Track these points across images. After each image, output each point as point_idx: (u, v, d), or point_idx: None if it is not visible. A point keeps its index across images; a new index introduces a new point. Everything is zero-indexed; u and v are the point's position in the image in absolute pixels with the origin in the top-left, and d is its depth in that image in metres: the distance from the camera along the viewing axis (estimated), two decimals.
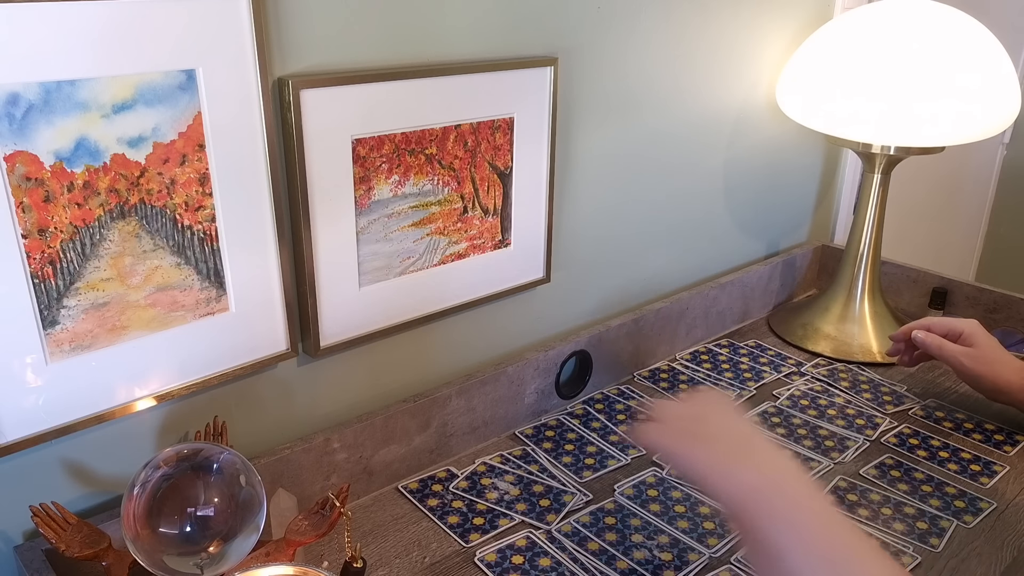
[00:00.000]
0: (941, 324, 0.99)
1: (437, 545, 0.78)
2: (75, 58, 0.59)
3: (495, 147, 0.87)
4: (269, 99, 0.69)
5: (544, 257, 0.97)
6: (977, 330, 0.96)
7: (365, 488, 0.85)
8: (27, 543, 0.67)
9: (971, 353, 0.95)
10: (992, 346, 0.95)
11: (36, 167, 0.59)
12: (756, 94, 1.18)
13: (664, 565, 0.76)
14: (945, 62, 0.99)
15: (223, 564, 0.60)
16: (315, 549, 0.76)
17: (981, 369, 0.94)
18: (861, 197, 1.17)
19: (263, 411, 0.80)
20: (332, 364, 0.83)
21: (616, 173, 1.03)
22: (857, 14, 1.08)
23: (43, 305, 0.62)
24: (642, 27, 0.98)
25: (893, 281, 1.30)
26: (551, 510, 0.83)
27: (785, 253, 1.33)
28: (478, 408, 0.92)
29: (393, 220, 0.81)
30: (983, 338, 0.95)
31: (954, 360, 0.96)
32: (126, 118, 0.62)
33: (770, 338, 1.21)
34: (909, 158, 1.12)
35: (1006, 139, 2.02)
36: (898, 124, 1.00)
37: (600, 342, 1.04)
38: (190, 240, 0.69)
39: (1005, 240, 2.13)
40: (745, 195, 1.24)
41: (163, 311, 0.69)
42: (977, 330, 0.96)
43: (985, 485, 0.88)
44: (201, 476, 0.61)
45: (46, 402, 0.65)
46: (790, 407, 1.02)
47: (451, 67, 0.81)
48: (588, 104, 0.96)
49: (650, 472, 0.89)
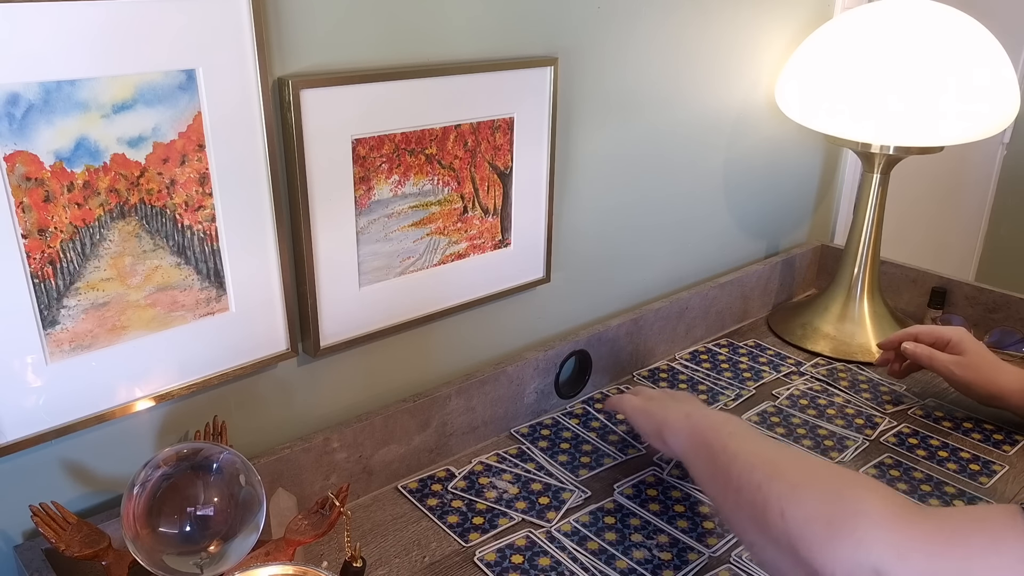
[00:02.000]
0: (929, 333, 0.99)
1: (437, 545, 0.78)
2: (75, 58, 0.59)
3: (495, 147, 0.87)
4: (269, 99, 0.69)
5: (544, 257, 0.97)
6: (965, 337, 0.96)
7: (365, 488, 0.85)
8: (27, 543, 0.67)
9: (961, 361, 0.95)
10: (981, 352, 0.95)
11: (36, 167, 0.59)
12: (756, 94, 1.18)
13: (664, 564, 0.76)
14: (945, 62, 0.99)
15: (223, 564, 0.61)
16: (315, 549, 0.76)
17: (971, 376, 0.94)
18: (860, 197, 1.18)
19: (263, 411, 0.80)
20: (332, 364, 0.83)
21: (616, 173, 1.03)
22: (857, 14, 1.08)
23: (43, 305, 0.62)
24: (642, 27, 0.98)
25: (892, 281, 1.30)
26: (551, 508, 0.83)
27: (785, 253, 1.33)
28: (478, 408, 0.92)
29: (393, 220, 0.81)
30: (971, 344, 0.96)
31: (944, 369, 0.96)
32: (126, 118, 0.62)
33: (769, 338, 1.21)
34: (908, 158, 1.12)
35: (1006, 139, 2.02)
36: (897, 124, 1.00)
37: (600, 342, 1.04)
38: (190, 240, 0.69)
39: (1005, 240, 2.13)
40: (745, 195, 1.24)
41: (163, 311, 0.69)
42: (965, 337, 0.96)
43: (984, 485, 0.88)
44: (201, 476, 0.61)
45: (46, 402, 0.65)
46: (789, 407, 1.02)
47: (451, 67, 0.81)
48: (588, 104, 0.96)
49: (650, 472, 0.89)
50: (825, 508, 0.56)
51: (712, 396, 1.04)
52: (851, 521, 0.54)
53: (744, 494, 0.63)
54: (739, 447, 0.68)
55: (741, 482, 0.64)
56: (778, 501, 0.59)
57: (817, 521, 0.56)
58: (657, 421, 0.80)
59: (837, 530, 0.54)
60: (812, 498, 0.58)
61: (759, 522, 0.60)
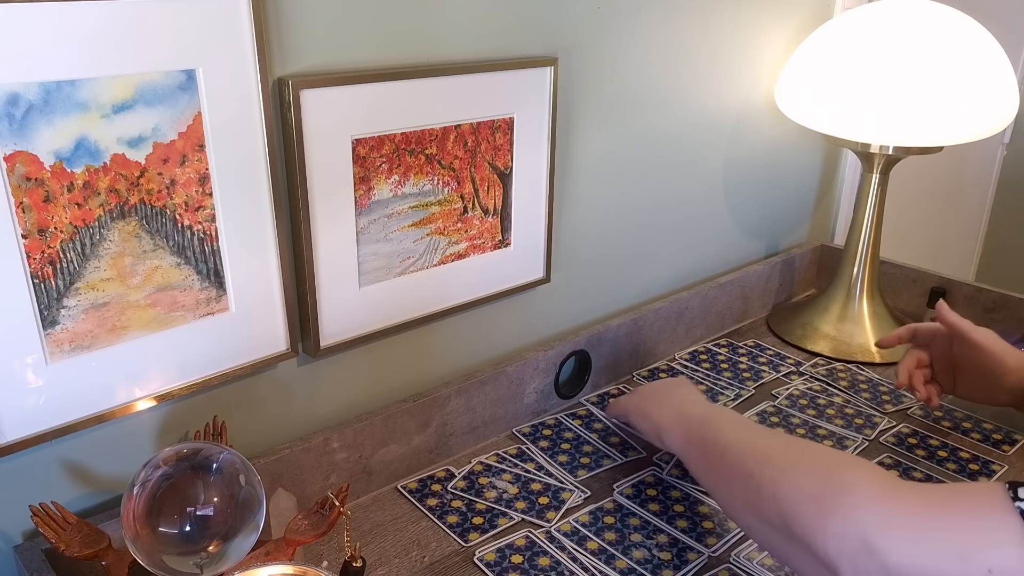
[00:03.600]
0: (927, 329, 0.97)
1: (436, 545, 0.78)
2: (75, 58, 0.59)
3: (495, 147, 0.87)
4: (269, 99, 0.69)
5: (544, 257, 0.97)
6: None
7: (365, 488, 0.85)
8: (27, 543, 0.67)
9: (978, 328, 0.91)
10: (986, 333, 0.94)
11: (36, 167, 0.59)
12: (756, 94, 1.18)
13: (663, 564, 0.76)
14: (945, 62, 0.99)
15: (223, 564, 0.61)
16: (315, 549, 0.76)
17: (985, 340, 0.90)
18: (860, 197, 1.18)
19: (263, 411, 0.80)
20: (332, 364, 0.83)
21: (616, 173, 1.04)
22: (857, 14, 1.08)
23: (43, 305, 0.62)
24: (642, 27, 0.98)
25: (892, 281, 1.30)
26: (550, 508, 0.83)
27: (784, 253, 1.33)
28: (478, 408, 0.92)
29: (393, 220, 0.81)
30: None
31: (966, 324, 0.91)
32: (126, 118, 0.62)
33: (769, 338, 1.21)
34: (908, 158, 1.12)
35: (1006, 139, 2.02)
36: (897, 124, 1.00)
37: (600, 342, 1.04)
38: (190, 240, 0.69)
39: (1005, 240, 2.13)
40: (745, 195, 1.24)
41: (163, 311, 0.69)
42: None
43: None
44: (201, 476, 0.61)
45: (46, 402, 0.65)
46: (789, 407, 1.02)
47: (451, 67, 0.81)
48: (588, 104, 0.96)
49: (649, 472, 0.89)
50: (815, 487, 0.59)
51: (712, 396, 1.04)
52: (839, 496, 0.57)
53: (738, 483, 0.66)
54: (729, 439, 0.71)
55: (734, 472, 0.67)
56: (770, 484, 0.62)
57: (808, 499, 0.59)
58: (654, 423, 0.82)
59: (827, 506, 0.57)
60: (802, 479, 0.60)
61: (754, 508, 0.63)
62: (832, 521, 0.56)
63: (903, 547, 0.53)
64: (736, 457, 0.68)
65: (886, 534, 0.53)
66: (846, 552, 0.55)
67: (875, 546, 0.53)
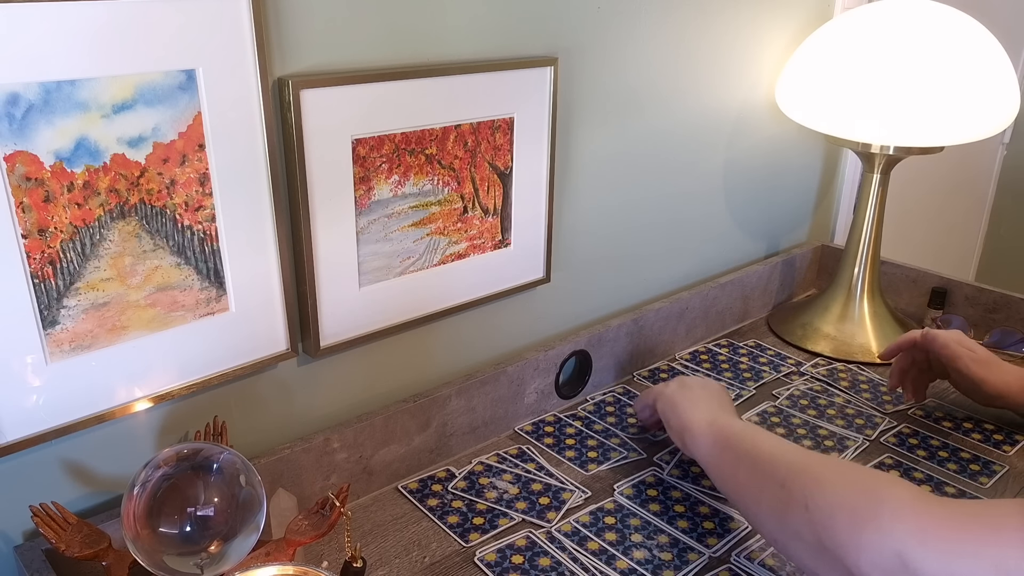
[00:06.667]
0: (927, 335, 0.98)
1: (437, 545, 0.78)
2: (75, 58, 0.59)
3: (495, 147, 0.87)
4: (269, 99, 0.69)
5: (544, 257, 0.97)
6: (965, 340, 0.96)
7: (365, 488, 0.85)
8: (27, 543, 0.67)
9: (976, 358, 0.94)
10: (985, 350, 0.95)
11: (36, 167, 0.59)
12: (756, 94, 1.18)
13: (664, 565, 0.76)
14: (945, 62, 0.99)
15: (223, 564, 0.61)
16: (315, 549, 0.76)
17: (984, 373, 0.93)
18: (861, 197, 1.17)
19: (263, 411, 0.80)
20: (332, 364, 0.83)
21: (616, 173, 1.03)
22: (857, 14, 1.08)
23: (43, 305, 0.62)
24: (642, 27, 0.98)
25: (893, 281, 1.30)
26: (551, 508, 0.83)
27: (785, 253, 1.33)
28: (478, 408, 0.92)
29: (393, 220, 0.81)
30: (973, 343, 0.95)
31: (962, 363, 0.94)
32: (126, 118, 0.62)
33: (770, 338, 1.21)
34: (909, 158, 1.12)
35: (1006, 139, 2.02)
36: (897, 124, 1.00)
37: (600, 342, 1.04)
38: (190, 240, 0.69)
39: (1005, 240, 2.13)
40: (745, 195, 1.24)
41: (163, 311, 0.69)
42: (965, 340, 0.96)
43: (984, 485, 0.88)
44: (201, 476, 0.61)
45: (46, 402, 0.65)
46: (790, 407, 1.02)
47: (451, 67, 0.81)
48: (588, 104, 0.96)
49: (650, 472, 0.89)
50: (849, 500, 0.59)
51: None
52: (875, 509, 0.57)
53: (768, 492, 0.66)
54: (763, 449, 0.71)
55: (765, 481, 0.67)
56: (803, 495, 0.62)
57: (842, 510, 0.59)
58: (683, 422, 0.82)
59: (862, 518, 0.57)
60: (836, 491, 0.61)
61: (782, 517, 0.64)
62: (867, 534, 0.56)
63: (938, 561, 0.53)
64: (769, 466, 0.68)
65: (921, 548, 0.54)
66: (880, 565, 0.55)
67: (909, 560, 0.53)
